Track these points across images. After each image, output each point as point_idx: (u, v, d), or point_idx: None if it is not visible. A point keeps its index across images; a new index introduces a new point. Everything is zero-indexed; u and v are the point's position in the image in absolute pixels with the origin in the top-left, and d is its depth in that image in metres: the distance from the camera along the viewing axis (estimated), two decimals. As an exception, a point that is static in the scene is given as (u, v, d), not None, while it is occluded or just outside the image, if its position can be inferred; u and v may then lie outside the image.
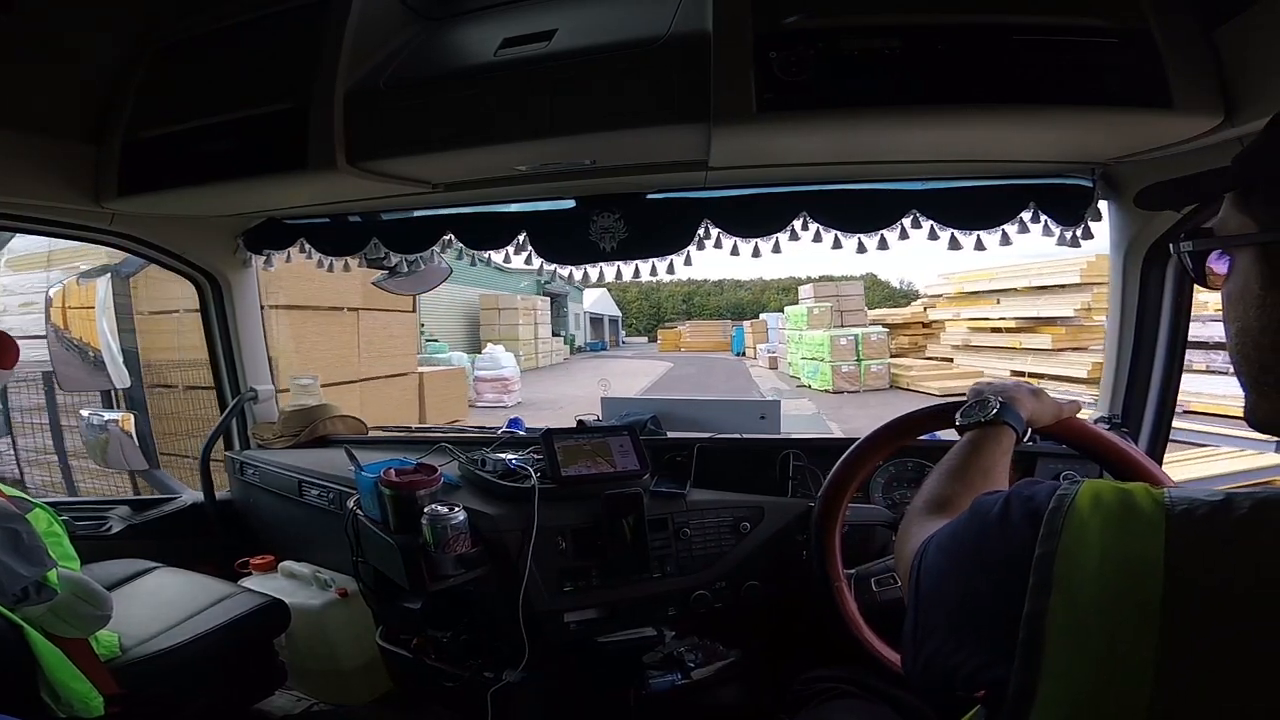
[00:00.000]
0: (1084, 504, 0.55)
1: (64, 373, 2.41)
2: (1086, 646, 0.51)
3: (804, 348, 15.07)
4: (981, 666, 0.57)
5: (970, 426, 1.10)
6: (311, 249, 2.17)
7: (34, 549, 1.45)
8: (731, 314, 35.60)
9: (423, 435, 2.38)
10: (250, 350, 2.46)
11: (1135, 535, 0.52)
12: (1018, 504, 0.60)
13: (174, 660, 1.70)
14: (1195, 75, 1.17)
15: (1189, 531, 0.51)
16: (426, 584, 1.52)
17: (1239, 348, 0.59)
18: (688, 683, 1.64)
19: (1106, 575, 0.52)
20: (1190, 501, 0.53)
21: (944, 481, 0.98)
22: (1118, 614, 0.50)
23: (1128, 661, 0.49)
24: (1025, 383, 1.19)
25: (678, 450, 1.89)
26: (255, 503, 2.37)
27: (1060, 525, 0.55)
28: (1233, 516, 0.51)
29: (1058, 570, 0.53)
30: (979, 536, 0.63)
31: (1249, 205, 0.57)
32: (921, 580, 0.69)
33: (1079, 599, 0.52)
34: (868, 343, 13.88)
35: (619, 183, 1.79)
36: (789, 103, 1.26)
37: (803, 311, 16.14)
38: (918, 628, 0.67)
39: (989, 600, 0.58)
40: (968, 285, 13.84)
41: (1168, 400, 1.72)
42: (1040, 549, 0.55)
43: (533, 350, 19.40)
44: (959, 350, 14.24)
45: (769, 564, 1.66)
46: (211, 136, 1.62)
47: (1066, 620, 0.52)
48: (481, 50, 1.54)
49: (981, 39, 1.22)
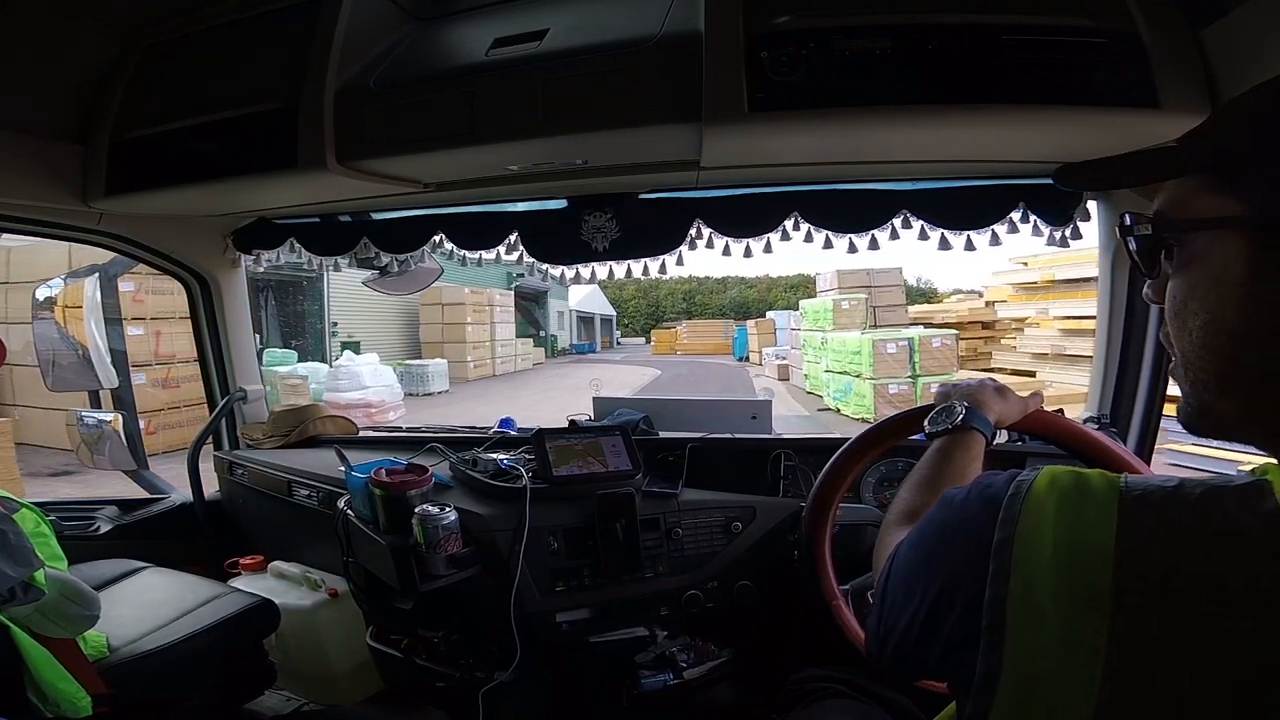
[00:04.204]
0: (1040, 488, 0.56)
1: (52, 373, 2.40)
2: (1042, 631, 0.51)
3: (830, 355, 11.24)
4: (948, 653, 0.58)
5: (939, 434, 1.09)
6: (302, 249, 2.17)
7: (21, 549, 1.44)
8: (735, 313, 34.66)
9: (413, 435, 2.38)
10: (240, 350, 2.45)
11: (1087, 521, 0.52)
12: (976, 492, 0.61)
13: (163, 660, 1.69)
14: (1182, 76, 1.18)
15: (1140, 517, 0.51)
16: (417, 584, 1.52)
17: (1205, 341, 0.55)
18: (680, 683, 1.65)
19: (1060, 560, 0.52)
20: (1144, 487, 0.53)
21: (916, 492, 0.97)
22: (1070, 599, 0.51)
23: (1080, 647, 0.49)
24: (990, 380, 1.19)
25: (670, 450, 1.89)
26: (245, 503, 2.36)
27: (1018, 510, 0.55)
28: (1184, 503, 0.51)
29: (1016, 555, 0.54)
30: (942, 527, 0.64)
31: (1230, 185, 0.53)
32: (891, 576, 0.69)
33: (1035, 583, 0.52)
34: (927, 350, 9.82)
35: (611, 182, 1.79)
36: (780, 102, 1.27)
37: (826, 306, 12.18)
38: (882, 621, 0.68)
39: (954, 588, 0.58)
40: (1060, 271, 9.36)
41: (1155, 400, 1.73)
42: (999, 534, 0.55)
43: (488, 354, 17.00)
44: (1045, 360, 9.74)
45: (761, 564, 1.66)
46: (200, 136, 1.61)
47: (1024, 604, 0.52)
48: (473, 50, 1.54)
49: (971, 39, 1.22)
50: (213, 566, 2.28)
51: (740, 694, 1.73)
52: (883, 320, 12.34)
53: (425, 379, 13.76)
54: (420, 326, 16.42)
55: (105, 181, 1.72)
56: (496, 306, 17.47)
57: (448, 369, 14.35)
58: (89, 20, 1.64)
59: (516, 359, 18.80)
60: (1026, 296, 10.72)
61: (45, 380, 2.41)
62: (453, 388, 14.50)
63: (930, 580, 0.62)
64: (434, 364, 14.09)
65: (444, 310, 16.01)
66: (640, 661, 1.66)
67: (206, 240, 2.25)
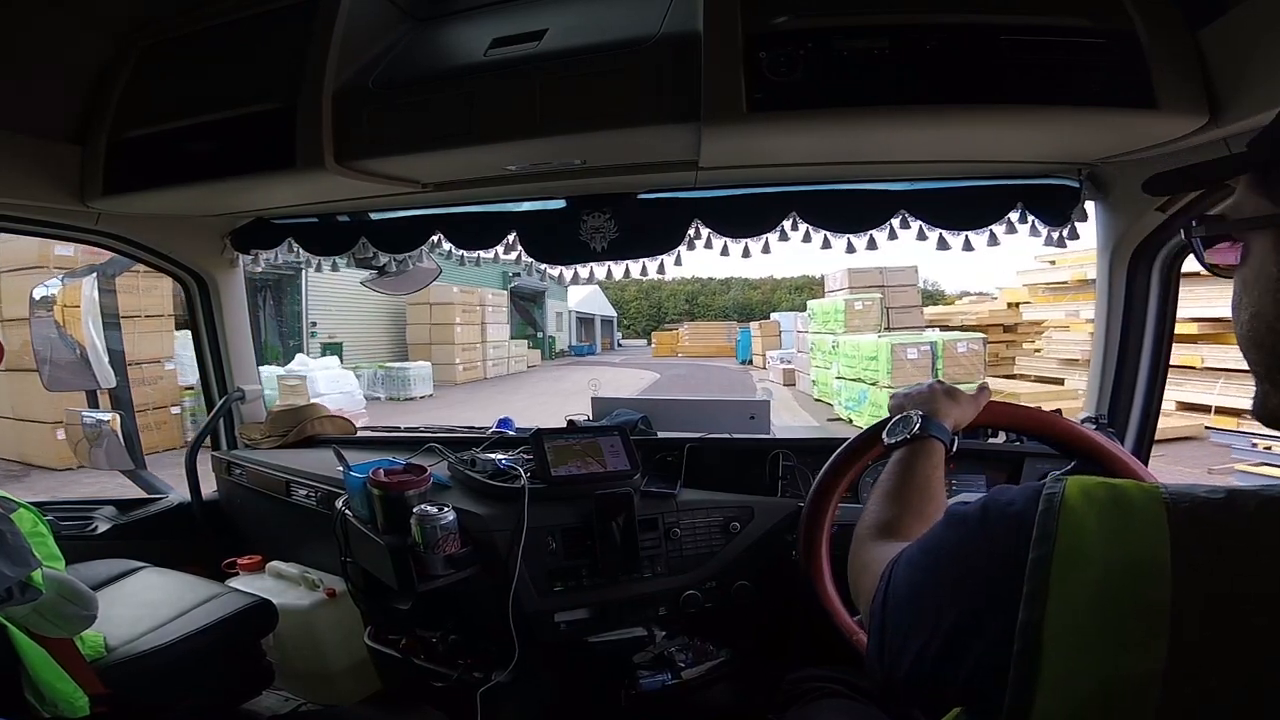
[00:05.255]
0: (1076, 502, 0.53)
1: (48, 372, 2.40)
2: (1087, 656, 0.48)
3: (842, 360, 10.49)
4: (973, 679, 0.54)
5: (898, 445, 1.08)
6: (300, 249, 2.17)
7: (18, 549, 1.43)
8: (738, 314, 34.34)
9: (411, 435, 2.37)
10: (238, 350, 2.45)
11: (1137, 535, 0.50)
12: (996, 510, 0.58)
13: (160, 660, 1.69)
14: (1180, 76, 1.18)
15: (1195, 531, 0.49)
16: (415, 584, 1.51)
17: (1252, 334, 0.56)
18: (678, 682, 1.65)
19: (1110, 579, 0.49)
20: (1192, 499, 0.50)
21: (884, 505, 0.96)
22: (1121, 621, 0.48)
23: (1133, 671, 0.47)
24: (938, 383, 1.18)
25: (668, 450, 1.89)
26: (243, 503, 2.36)
27: (1055, 528, 0.52)
28: (1239, 515, 0.49)
29: (1054, 575, 0.50)
30: (959, 546, 0.61)
31: (1265, 186, 0.56)
32: (890, 599, 0.66)
33: (1078, 605, 0.49)
34: (952, 356, 9.12)
35: (609, 183, 1.79)
36: (779, 103, 1.27)
37: (838, 307, 11.43)
38: (886, 648, 0.65)
39: (980, 613, 0.55)
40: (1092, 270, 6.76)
41: (1153, 400, 1.74)
42: (1034, 553, 0.52)
43: (479, 356, 16.31)
44: (1075, 366, 9.19)
45: (759, 564, 1.66)
46: (198, 136, 1.61)
47: (1065, 627, 0.49)
48: (471, 50, 1.54)
49: (969, 39, 1.22)
50: (211, 566, 2.28)
51: (738, 694, 1.73)
52: (896, 323, 11.60)
53: (406, 382, 13.26)
54: (407, 327, 15.76)
55: (103, 181, 1.72)
56: (488, 306, 16.87)
57: (431, 372, 13.81)
58: (87, 19, 1.64)
59: (509, 361, 18.09)
60: (1055, 297, 10.25)
61: (42, 379, 2.41)
62: (440, 391, 14.02)
63: (947, 605, 0.58)
64: (415, 367, 13.58)
65: (432, 310, 15.39)
66: (638, 661, 1.66)
67: (204, 240, 2.24)
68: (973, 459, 1.75)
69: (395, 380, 13.21)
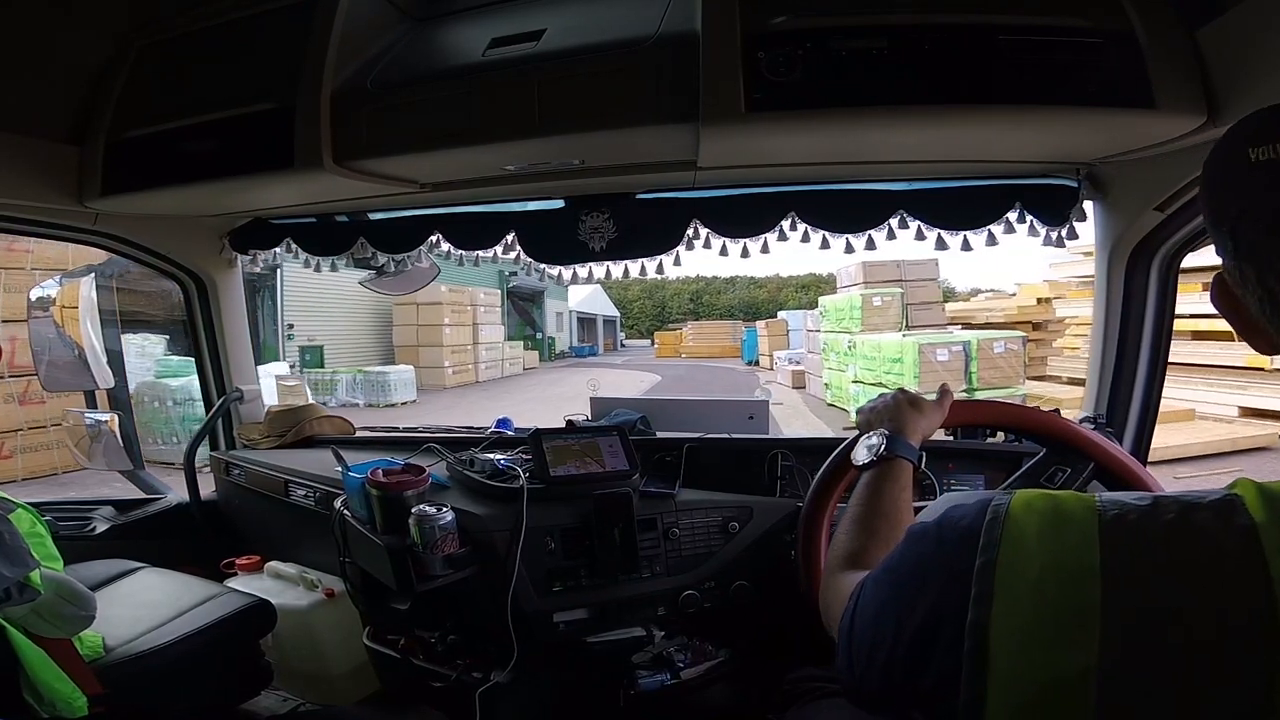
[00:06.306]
0: (1019, 513, 0.56)
1: (46, 373, 2.40)
2: (1031, 654, 0.51)
3: (860, 362, 9.48)
4: (936, 687, 0.57)
5: (866, 467, 1.07)
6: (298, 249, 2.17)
7: (16, 549, 1.43)
8: (744, 313, 33.92)
9: (410, 435, 2.37)
10: (236, 350, 2.45)
11: (1071, 542, 0.53)
12: (949, 523, 0.61)
13: (159, 660, 1.68)
14: (1178, 76, 1.18)
15: (1122, 537, 0.52)
16: (414, 584, 1.51)
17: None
18: (677, 683, 1.65)
19: (1046, 583, 0.52)
20: (1120, 506, 0.54)
21: (852, 534, 0.96)
22: (1058, 622, 0.51)
23: (1070, 669, 0.50)
24: (901, 393, 1.17)
25: (667, 450, 1.89)
26: (241, 503, 2.36)
27: (999, 535, 0.55)
28: (1161, 520, 0.52)
29: (999, 579, 0.54)
30: (917, 560, 0.63)
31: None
32: (858, 617, 0.69)
33: (1020, 607, 0.53)
34: (987, 357, 8.16)
35: (608, 183, 1.79)
36: (777, 103, 1.27)
37: (854, 304, 10.33)
38: (854, 663, 0.68)
39: (938, 619, 0.58)
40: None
41: (1151, 400, 1.74)
42: (980, 559, 0.55)
43: (470, 358, 15.42)
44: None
45: (758, 564, 1.66)
46: (196, 136, 1.61)
47: (1010, 628, 0.52)
48: (470, 50, 1.54)
49: (967, 39, 1.23)
50: (209, 567, 2.28)
51: (737, 694, 1.73)
52: (915, 321, 10.75)
53: (387, 388, 12.68)
54: (393, 328, 14.97)
55: (101, 181, 1.72)
56: (480, 306, 15.92)
57: (414, 376, 13.11)
58: (85, 19, 1.64)
59: (504, 363, 17.27)
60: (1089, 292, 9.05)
61: (39, 378, 2.41)
62: (428, 396, 13.32)
63: (907, 615, 0.61)
64: (395, 370, 12.90)
65: (419, 310, 14.55)
66: (637, 661, 1.66)
67: (202, 240, 2.24)
68: (972, 459, 1.75)
69: (375, 385, 12.64)
